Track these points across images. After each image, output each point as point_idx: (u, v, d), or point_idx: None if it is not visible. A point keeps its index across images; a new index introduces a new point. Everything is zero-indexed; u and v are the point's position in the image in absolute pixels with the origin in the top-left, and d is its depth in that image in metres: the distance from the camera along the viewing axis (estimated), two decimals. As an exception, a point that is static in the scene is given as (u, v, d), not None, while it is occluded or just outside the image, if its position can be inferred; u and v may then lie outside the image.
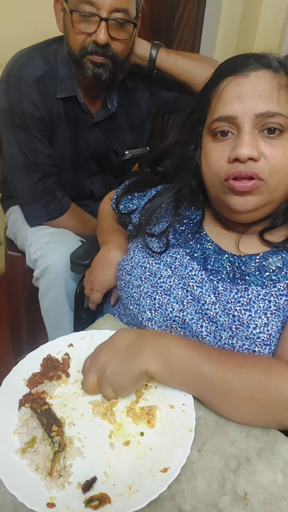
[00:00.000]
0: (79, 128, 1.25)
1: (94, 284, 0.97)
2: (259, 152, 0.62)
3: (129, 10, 1.03)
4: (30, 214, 1.28)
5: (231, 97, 0.65)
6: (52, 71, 1.14)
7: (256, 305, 0.69)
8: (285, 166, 0.63)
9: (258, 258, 0.72)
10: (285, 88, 0.64)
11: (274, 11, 2.30)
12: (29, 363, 0.69)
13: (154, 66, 1.21)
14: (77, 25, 1.02)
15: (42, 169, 1.21)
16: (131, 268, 0.81)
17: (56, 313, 1.25)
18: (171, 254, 0.78)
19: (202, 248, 0.77)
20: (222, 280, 0.73)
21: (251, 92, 0.63)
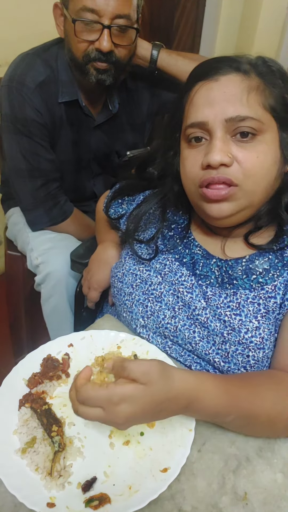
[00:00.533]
0: (81, 131, 1.25)
1: (91, 282, 0.98)
2: (230, 158, 0.61)
3: (130, 16, 1.03)
4: (33, 219, 1.28)
5: (201, 102, 0.64)
6: (53, 75, 1.14)
7: (245, 309, 0.68)
8: (259, 169, 0.62)
9: (244, 261, 0.71)
10: (256, 91, 0.62)
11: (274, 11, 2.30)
12: (29, 363, 0.69)
13: (155, 67, 1.21)
14: (79, 34, 1.02)
15: (45, 175, 1.21)
16: (122, 275, 0.81)
17: (58, 318, 1.26)
18: (161, 261, 0.78)
19: (190, 253, 0.76)
20: (211, 285, 0.72)
21: (220, 96, 0.62)
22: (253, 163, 0.62)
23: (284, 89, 0.65)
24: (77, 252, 1.15)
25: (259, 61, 0.66)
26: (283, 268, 0.69)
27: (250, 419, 0.58)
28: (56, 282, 1.19)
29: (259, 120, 0.61)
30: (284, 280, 0.68)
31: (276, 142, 0.64)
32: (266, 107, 0.62)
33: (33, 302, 1.30)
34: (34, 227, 1.29)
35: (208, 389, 0.55)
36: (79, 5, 0.99)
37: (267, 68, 0.65)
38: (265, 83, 0.63)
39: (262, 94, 0.62)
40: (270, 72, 0.65)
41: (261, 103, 0.62)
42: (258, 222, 0.70)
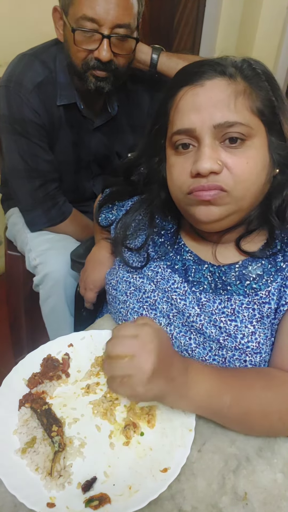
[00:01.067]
0: (81, 133, 1.25)
1: (87, 283, 0.98)
2: (220, 165, 0.60)
3: (130, 25, 1.02)
4: (31, 220, 1.28)
5: (188, 108, 0.62)
6: (51, 76, 1.14)
7: (240, 315, 0.68)
8: (249, 175, 0.61)
9: (238, 266, 0.70)
10: (243, 95, 0.61)
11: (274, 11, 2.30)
12: (29, 363, 0.69)
13: (156, 71, 1.21)
14: (79, 43, 1.01)
15: (43, 176, 1.21)
16: (116, 283, 0.80)
17: (57, 318, 1.26)
18: (152, 268, 0.77)
19: (182, 259, 0.75)
20: (204, 291, 0.71)
21: (207, 102, 0.60)
22: (243, 169, 0.61)
23: (270, 92, 0.63)
24: (77, 252, 1.15)
25: (244, 64, 0.64)
26: (276, 273, 0.68)
27: (244, 404, 0.58)
28: (54, 282, 1.19)
29: (248, 125, 0.60)
30: (278, 285, 0.67)
31: (265, 146, 0.63)
32: (254, 111, 0.61)
33: (33, 302, 1.30)
34: (33, 227, 1.29)
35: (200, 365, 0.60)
36: (79, 13, 0.98)
37: (252, 71, 0.63)
38: (251, 87, 0.62)
39: (249, 98, 0.61)
40: (255, 75, 0.63)
41: (248, 107, 0.61)
42: (249, 227, 0.69)
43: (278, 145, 0.64)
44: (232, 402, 0.57)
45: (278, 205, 0.67)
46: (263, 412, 0.59)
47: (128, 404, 0.63)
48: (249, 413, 0.59)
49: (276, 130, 0.64)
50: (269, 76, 0.65)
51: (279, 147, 0.64)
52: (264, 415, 0.59)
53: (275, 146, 0.64)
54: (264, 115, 0.62)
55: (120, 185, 0.85)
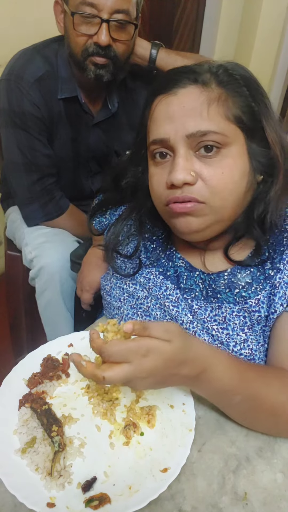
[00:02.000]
0: (80, 128, 1.25)
1: (83, 284, 0.99)
2: (194, 176, 0.59)
3: (129, 11, 1.03)
4: (28, 214, 1.28)
5: (161, 118, 0.61)
6: (53, 71, 1.14)
7: (232, 323, 0.67)
8: (225, 185, 0.60)
9: (227, 274, 0.69)
10: (217, 102, 0.59)
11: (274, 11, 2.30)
12: (29, 363, 0.69)
13: (154, 66, 1.22)
14: (78, 27, 1.02)
15: (41, 170, 1.21)
16: (110, 289, 0.80)
17: (53, 313, 1.26)
18: (145, 275, 0.76)
19: (174, 266, 0.75)
20: (196, 298, 0.71)
21: (180, 111, 0.59)
22: (219, 180, 0.59)
23: (249, 97, 0.61)
24: (77, 253, 1.15)
25: (220, 69, 0.62)
26: (265, 281, 0.67)
27: (256, 402, 0.57)
28: (49, 276, 1.19)
29: (222, 134, 0.59)
30: (267, 293, 0.66)
31: (244, 154, 0.61)
32: (230, 118, 0.59)
33: (33, 301, 1.30)
34: (30, 222, 1.29)
35: (222, 360, 0.55)
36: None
37: (228, 77, 0.61)
38: (227, 93, 0.60)
39: (224, 105, 0.59)
40: (232, 80, 0.61)
41: (223, 114, 0.59)
42: (236, 234, 0.68)
43: (260, 152, 0.62)
44: (241, 401, 0.57)
45: (259, 214, 0.65)
46: (272, 411, 0.58)
47: (128, 404, 0.63)
48: (257, 410, 0.58)
49: (258, 137, 0.62)
50: (249, 81, 0.63)
51: (260, 154, 0.62)
52: (271, 414, 0.58)
53: (256, 153, 0.62)
54: (242, 121, 0.60)
55: (112, 191, 0.84)
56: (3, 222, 1.53)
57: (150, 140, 0.63)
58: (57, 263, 1.18)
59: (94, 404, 0.64)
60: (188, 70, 0.62)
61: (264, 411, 0.58)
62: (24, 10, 1.56)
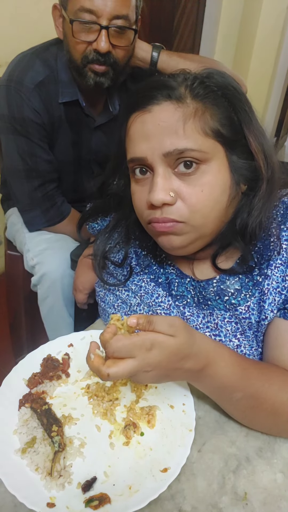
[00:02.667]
0: (81, 132, 1.25)
1: (76, 284, 0.99)
2: (173, 196, 0.58)
3: (129, 16, 1.02)
4: (30, 220, 1.28)
5: (137, 137, 0.59)
6: (53, 75, 1.14)
7: (224, 329, 0.67)
8: (205, 202, 0.58)
9: (215, 282, 0.69)
10: (193, 118, 0.56)
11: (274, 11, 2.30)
12: (29, 363, 0.69)
13: (156, 69, 1.21)
14: (77, 35, 1.02)
15: (42, 176, 1.21)
16: (104, 295, 0.80)
17: (55, 318, 1.26)
18: (136, 282, 0.76)
19: (165, 272, 0.74)
20: (188, 305, 0.71)
21: (155, 129, 0.57)
22: (198, 198, 0.58)
23: (230, 107, 0.59)
24: (77, 252, 1.15)
25: (195, 81, 0.59)
26: (254, 287, 0.66)
27: (257, 400, 0.57)
28: (51, 283, 1.19)
29: (200, 150, 0.57)
30: (256, 300, 0.66)
31: (225, 168, 0.59)
32: (208, 133, 0.57)
33: (33, 302, 1.30)
34: (31, 227, 1.29)
35: (225, 355, 0.55)
36: (77, 6, 0.99)
37: (204, 89, 0.58)
38: (204, 106, 0.57)
39: (201, 120, 0.57)
40: (209, 92, 0.58)
41: (200, 130, 0.57)
42: (222, 244, 0.67)
43: (242, 164, 0.60)
44: (242, 397, 0.57)
45: (242, 225, 0.63)
46: (273, 410, 0.58)
47: (128, 404, 0.64)
48: (257, 409, 0.58)
49: (239, 148, 0.60)
50: (227, 89, 0.60)
51: (242, 167, 0.60)
52: (272, 413, 0.58)
53: (238, 166, 0.60)
54: (222, 135, 0.58)
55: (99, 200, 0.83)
56: (3, 222, 1.53)
57: (128, 158, 0.62)
58: (58, 270, 1.18)
59: (94, 404, 0.64)
60: (161, 85, 0.59)
61: (264, 409, 0.58)
62: (24, 10, 1.56)
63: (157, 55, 1.19)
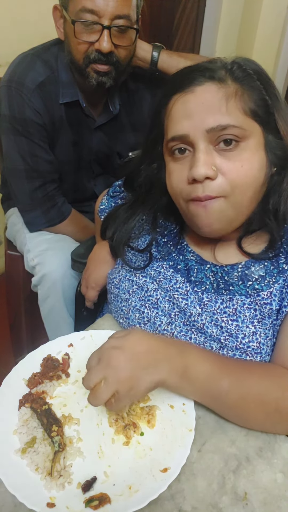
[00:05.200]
0: (82, 132, 1.25)
1: (88, 281, 0.98)
2: (215, 170, 0.60)
3: (130, 16, 1.03)
4: (30, 220, 1.28)
5: (180, 115, 0.63)
6: (53, 76, 1.14)
7: (242, 315, 0.68)
8: (245, 178, 0.61)
9: (240, 267, 0.71)
10: (234, 97, 0.61)
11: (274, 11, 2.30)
12: (29, 363, 0.69)
13: (156, 68, 1.21)
14: (79, 35, 1.02)
15: (43, 176, 1.21)
16: (119, 281, 0.80)
17: (56, 319, 1.26)
18: (155, 268, 0.77)
19: (184, 259, 0.76)
20: (206, 291, 0.72)
21: (198, 108, 0.61)
22: (238, 173, 0.61)
23: (263, 91, 0.63)
24: (77, 252, 1.15)
25: (234, 65, 0.64)
26: (278, 274, 0.69)
27: (242, 388, 0.58)
28: (52, 283, 1.19)
29: (241, 127, 0.60)
30: (280, 287, 0.68)
31: (261, 146, 0.63)
32: (247, 112, 0.61)
33: (33, 302, 1.30)
34: (32, 228, 1.29)
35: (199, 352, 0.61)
36: (78, 6, 0.99)
37: (243, 72, 0.63)
38: (243, 88, 0.62)
39: (241, 100, 0.61)
40: (246, 75, 0.63)
41: (241, 108, 0.61)
42: (249, 227, 0.69)
43: (276, 144, 0.64)
44: (230, 388, 0.58)
45: (274, 206, 0.66)
46: (260, 399, 0.59)
47: (128, 404, 0.63)
48: (246, 399, 0.59)
49: (273, 129, 0.64)
50: (261, 75, 0.65)
51: (276, 147, 0.64)
52: (261, 403, 0.59)
53: (273, 146, 0.64)
54: (258, 115, 0.62)
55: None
56: (3, 222, 1.53)
57: (169, 137, 0.64)
58: (59, 270, 1.18)
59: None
60: (203, 68, 0.63)
61: (252, 400, 0.59)
62: (24, 10, 1.56)
63: (158, 54, 1.19)
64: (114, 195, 0.93)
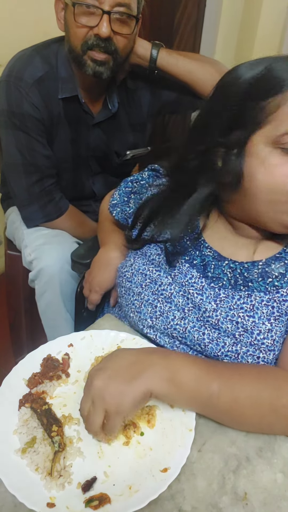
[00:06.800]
0: (80, 129, 1.25)
1: (92, 285, 0.98)
2: None
3: (131, 6, 1.03)
4: (28, 215, 1.28)
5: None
6: (52, 71, 1.14)
7: (259, 311, 0.68)
8: None
9: (261, 264, 0.71)
10: None
11: (274, 11, 2.30)
12: (29, 363, 0.69)
13: (155, 66, 1.21)
14: (79, 18, 1.02)
15: (41, 171, 1.21)
16: (131, 275, 0.80)
17: (53, 314, 1.26)
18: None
19: (201, 255, 0.76)
20: (223, 287, 0.72)
21: None
22: None
23: None
24: (78, 253, 1.15)
25: None
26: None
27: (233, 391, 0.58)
28: (49, 277, 1.19)
29: None
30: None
31: None
32: None
33: (33, 302, 1.30)
34: (29, 223, 1.29)
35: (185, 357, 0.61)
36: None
37: None
38: None
39: None
40: None
41: None
42: None
43: None
44: (220, 390, 0.57)
45: None
46: (253, 400, 0.58)
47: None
48: (238, 401, 0.58)
49: None
50: None
51: None
52: (254, 404, 0.58)
53: None
54: None
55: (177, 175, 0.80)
56: (3, 222, 1.53)
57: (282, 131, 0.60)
58: (56, 264, 1.18)
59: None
60: None
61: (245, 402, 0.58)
62: (24, 10, 1.56)
63: (157, 52, 1.19)
64: (126, 190, 0.92)
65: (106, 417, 0.54)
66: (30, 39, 1.22)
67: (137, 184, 0.92)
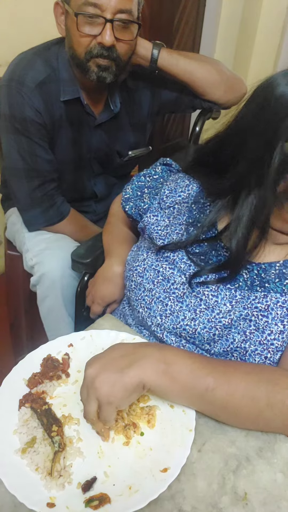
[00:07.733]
0: (82, 130, 1.25)
1: (95, 297, 0.99)
2: None
3: (132, 11, 1.04)
4: (29, 219, 1.28)
5: None
6: (54, 74, 1.14)
7: (274, 312, 0.68)
8: None
9: (279, 265, 0.70)
10: None
11: (274, 11, 2.30)
12: (29, 363, 0.69)
13: (156, 66, 1.21)
14: (81, 28, 1.02)
15: (42, 175, 1.21)
16: (143, 270, 0.79)
17: (55, 319, 1.26)
18: (185, 260, 0.76)
19: (217, 255, 0.75)
20: (240, 288, 0.71)
21: None
22: None
23: None
24: (77, 252, 1.15)
25: None
26: None
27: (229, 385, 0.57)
28: (51, 283, 1.19)
29: None
30: None
31: None
32: None
33: (33, 302, 1.30)
34: (31, 227, 1.29)
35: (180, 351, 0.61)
36: (81, 0, 1.00)
37: None
38: None
39: None
40: None
41: None
42: None
43: None
44: (216, 384, 0.57)
45: None
46: (249, 394, 0.57)
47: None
48: (234, 395, 0.57)
49: None
50: None
51: None
52: (251, 398, 0.57)
53: None
54: None
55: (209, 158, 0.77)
56: (3, 222, 1.53)
57: None
58: (58, 270, 1.18)
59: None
60: None
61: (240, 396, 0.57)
62: (24, 10, 1.56)
63: (157, 52, 1.19)
64: (139, 184, 0.92)
65: (99, 406, 0.55)
66: (30, 38, 1.21)
67: (150, 178, 0.91)
